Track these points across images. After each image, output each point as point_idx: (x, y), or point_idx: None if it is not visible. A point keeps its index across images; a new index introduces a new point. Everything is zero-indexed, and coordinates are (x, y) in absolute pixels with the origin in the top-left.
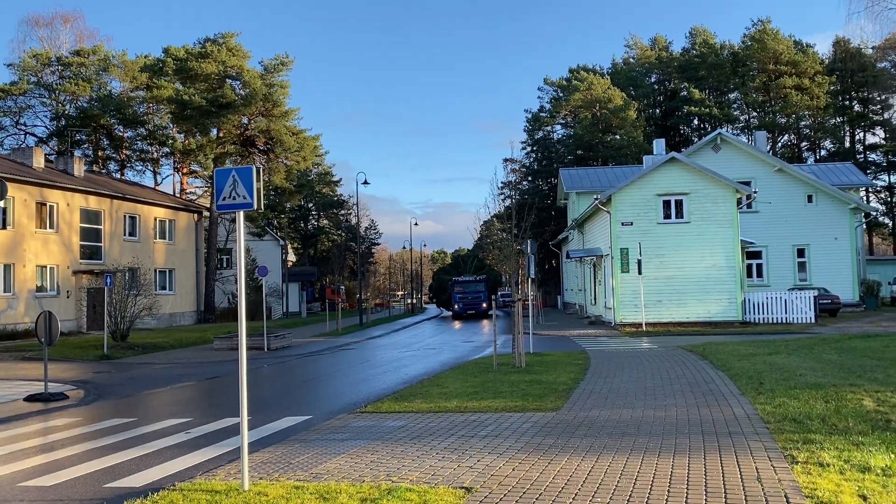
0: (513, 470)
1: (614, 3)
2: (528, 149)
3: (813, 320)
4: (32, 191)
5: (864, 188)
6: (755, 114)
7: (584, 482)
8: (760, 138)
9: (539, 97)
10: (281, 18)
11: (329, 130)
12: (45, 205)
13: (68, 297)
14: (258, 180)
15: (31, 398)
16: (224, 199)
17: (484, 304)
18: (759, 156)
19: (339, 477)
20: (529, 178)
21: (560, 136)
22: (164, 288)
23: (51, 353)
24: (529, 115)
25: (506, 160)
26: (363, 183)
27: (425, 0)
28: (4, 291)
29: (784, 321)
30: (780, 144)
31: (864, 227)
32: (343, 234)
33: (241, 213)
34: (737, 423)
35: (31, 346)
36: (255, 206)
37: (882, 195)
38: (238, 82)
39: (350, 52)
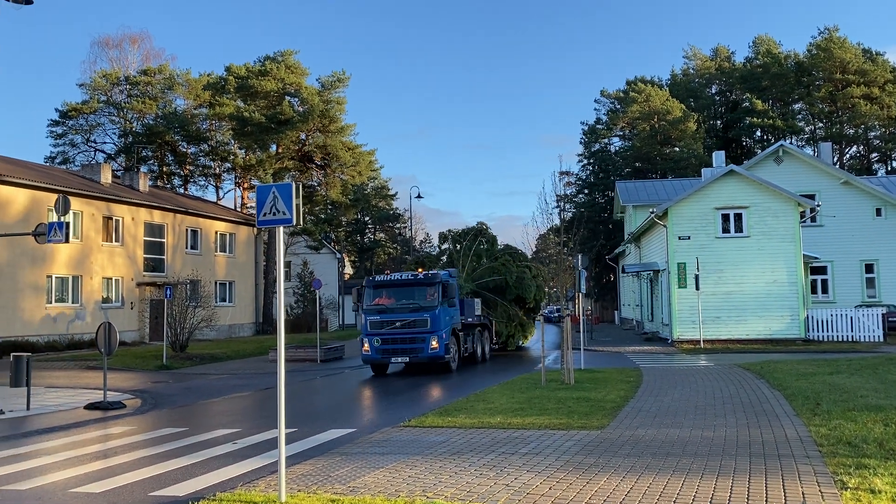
0: (549, 489)
1: (673, 14)
2: (585, 161)
3: (881, 339)
4: (100, 205)
5: None
6: (821, 125)
7: (620, 503)
8: (825, 150)
9: (596, 109)
10: (340, 35)
11: (393, 146)
12: (112, 219)
13: (132, 309)
14: (297, 196)
15: (90, 406)
16: (265, 214)
17: (434, 343)
18: (824, 168)
19: (376, 491)
20: (585, 191)
21: (617, 148)
22: (223, 300)
23: (113, 363)
24: (586, 128)
25: (561, 173)
26: (416, 197)
27: (483, 19)
28: (73, 302)
29: (850, 339)
30: (847, 156)
31: None
32: (399, 247)
33: (281, 228)
34: (787, 445)
35: (95, 356)
36: (294, 222)
37: None
38: (296, 99)
39: (411, 66)
